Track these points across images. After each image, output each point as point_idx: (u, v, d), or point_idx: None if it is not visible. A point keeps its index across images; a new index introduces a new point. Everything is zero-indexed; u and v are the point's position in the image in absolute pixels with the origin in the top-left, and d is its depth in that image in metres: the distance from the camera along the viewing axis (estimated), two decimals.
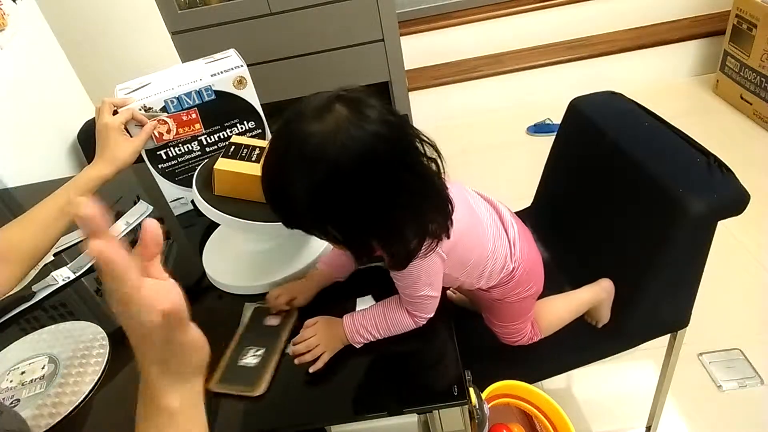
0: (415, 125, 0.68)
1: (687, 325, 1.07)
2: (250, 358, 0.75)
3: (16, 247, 0.88)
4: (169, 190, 1.07)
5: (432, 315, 0.77)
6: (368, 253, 0.69)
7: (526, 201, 1.33)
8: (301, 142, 0.59)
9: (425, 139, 0.66)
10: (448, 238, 0.71)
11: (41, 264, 0.95)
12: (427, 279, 0.74)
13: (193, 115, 1.00)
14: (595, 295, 1.05)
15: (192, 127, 1.01)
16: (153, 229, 0.44)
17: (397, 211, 0.64)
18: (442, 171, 0.68)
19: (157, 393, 0.46)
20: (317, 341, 0.75)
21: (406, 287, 0.75)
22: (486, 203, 0.91)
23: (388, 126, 0.61)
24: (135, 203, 1.11)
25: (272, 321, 0.81)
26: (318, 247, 0.90)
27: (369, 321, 0.76)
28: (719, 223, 0.89)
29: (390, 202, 0.63)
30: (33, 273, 0.98)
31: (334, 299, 0.85)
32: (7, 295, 0.89)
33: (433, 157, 0.67)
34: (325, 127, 0.59)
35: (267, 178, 0.64)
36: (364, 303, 0.83)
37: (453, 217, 0.71)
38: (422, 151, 0.66)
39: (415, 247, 0.68)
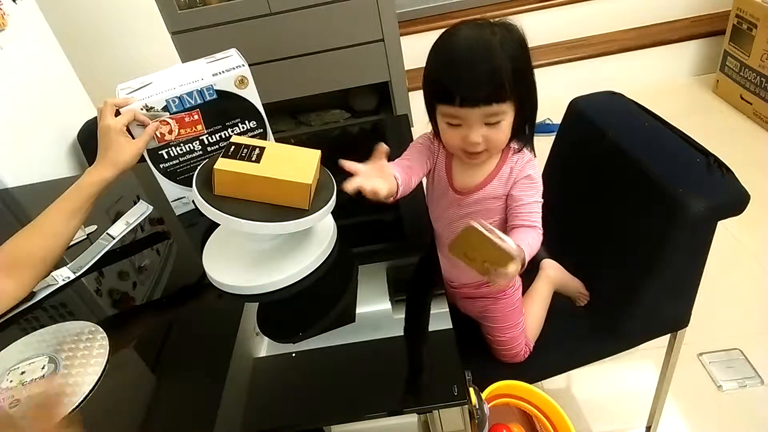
0: (414, 125, 0.68)
1: (687, 325, 1.07)
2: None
3: (26, 254, 0.88)
4: (171, 189, 1.07)
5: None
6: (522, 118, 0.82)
7: None
8: (497, 29, 0.86)
9: None
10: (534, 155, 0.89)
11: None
12: (540, 180, 0.87)
13: (195, 116, 1.00)
14: (551, 280, 1.11)
15: (194, 128, 1.01)
16: None
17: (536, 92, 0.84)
18: None
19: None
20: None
21: (535, 193, 0.86)
22: None
23: None
24: (135, 203, 1.11)
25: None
26: (318, 247, 0.90)
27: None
28: (719, 223, 0.89)
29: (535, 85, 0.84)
30: None
31: (333, 302, 0.86)
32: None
33: None
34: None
35: (483, 58, 0.80)
36: (363, 305, 0.83)
37: None
38: None
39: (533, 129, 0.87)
